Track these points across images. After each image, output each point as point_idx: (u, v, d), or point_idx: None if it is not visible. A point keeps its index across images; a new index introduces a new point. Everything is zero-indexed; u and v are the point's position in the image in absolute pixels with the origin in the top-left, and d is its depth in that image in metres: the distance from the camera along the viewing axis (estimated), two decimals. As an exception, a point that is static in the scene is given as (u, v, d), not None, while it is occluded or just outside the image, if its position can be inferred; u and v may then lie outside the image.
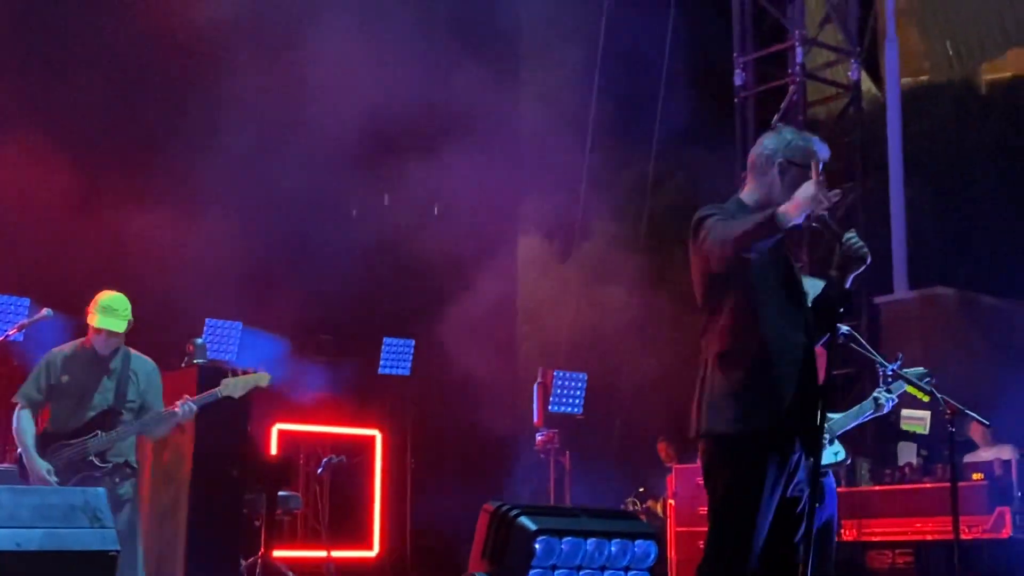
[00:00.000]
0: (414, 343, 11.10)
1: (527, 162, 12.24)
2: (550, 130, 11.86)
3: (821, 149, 4.18)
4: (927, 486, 8.34)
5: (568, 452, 10.24)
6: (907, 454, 10.11)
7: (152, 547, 7.54)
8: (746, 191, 4.33)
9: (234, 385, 6.43)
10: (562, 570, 3.87)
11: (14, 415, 6.10)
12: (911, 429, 8.36)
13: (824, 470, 6.00)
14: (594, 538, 3.91)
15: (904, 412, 8.15)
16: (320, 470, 9.78)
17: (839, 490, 6.76)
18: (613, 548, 3.94)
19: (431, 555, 11.00)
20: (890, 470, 9.16)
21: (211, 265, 10.42)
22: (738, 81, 12.08)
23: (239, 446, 8.13)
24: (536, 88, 12.38)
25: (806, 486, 4.11)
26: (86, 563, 4.72)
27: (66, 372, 6.15)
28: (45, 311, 6.48)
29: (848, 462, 8.38)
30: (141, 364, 6.28)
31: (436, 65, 11.17)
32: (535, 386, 10.56)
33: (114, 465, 6.05)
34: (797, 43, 11.68)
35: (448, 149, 11.62)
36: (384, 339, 11.03)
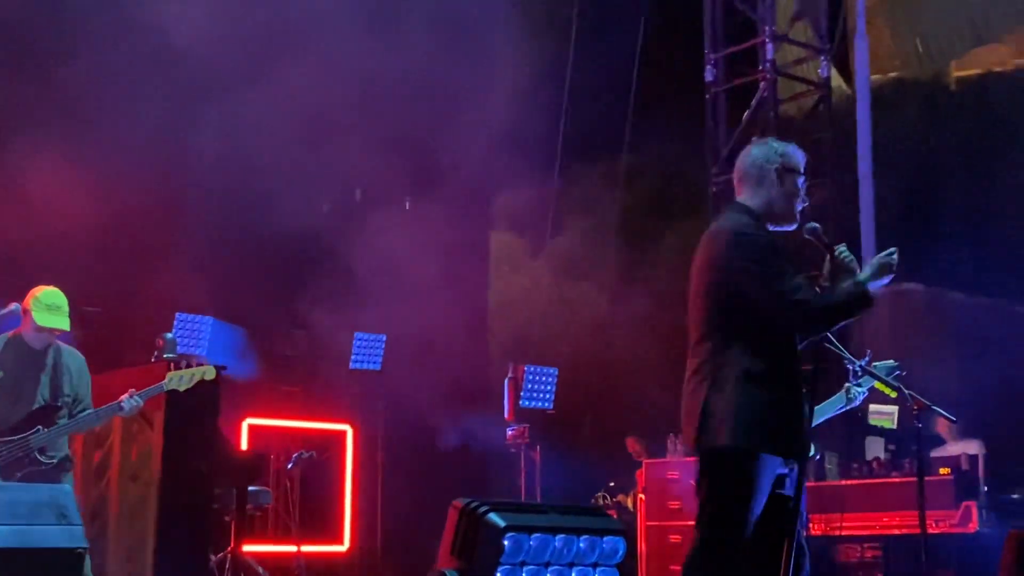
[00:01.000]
0: (385, 338, 11.08)
1: (499, 156, 12.23)
2: (522, 124, 11.86)
3: (801, 156, 4.51)
4: (895, 481, 8.41)
5: (539, 447, 10.26)
6: (875, 449, 10.18)
7: (121, 543, 7.52)
8: (744, 197, 4.50)
9: (179, 379, 6.43)
10: (531, 566, 3.88)
11: None
12: (879, 424, 8.44)
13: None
14: (563, 534, 3.93)
15: (872, 407, 8.23)
16: (290, 465, 9.76)
17: (808, 484, 6.81)
18: (582, 544, 3.96)
19: (401, 550, 11.00)
20: (858, 465, 9.22)
21: (182, 258, 10.38)
22: (709, 77, 12.11)
23: (209, 441, 8.10)
24: (509, 82, 12.38)
25: (792, 487, 4.29)
26: (54, 560, 4.70)
27: (1, 367, 6.12)
28: (12, 305, 6.42)
29: (817, 457, 8.46)
30: (73, 358, 6.25)
31: (411, 56, 11.15)
32: (506, 381, 10.58)
33: (58, 460, 6.06)
34: (768, 40, 11.72)
35: (419, 143, 11.61)
36: (355, 334, 11.02)
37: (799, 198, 4.46)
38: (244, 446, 10.41)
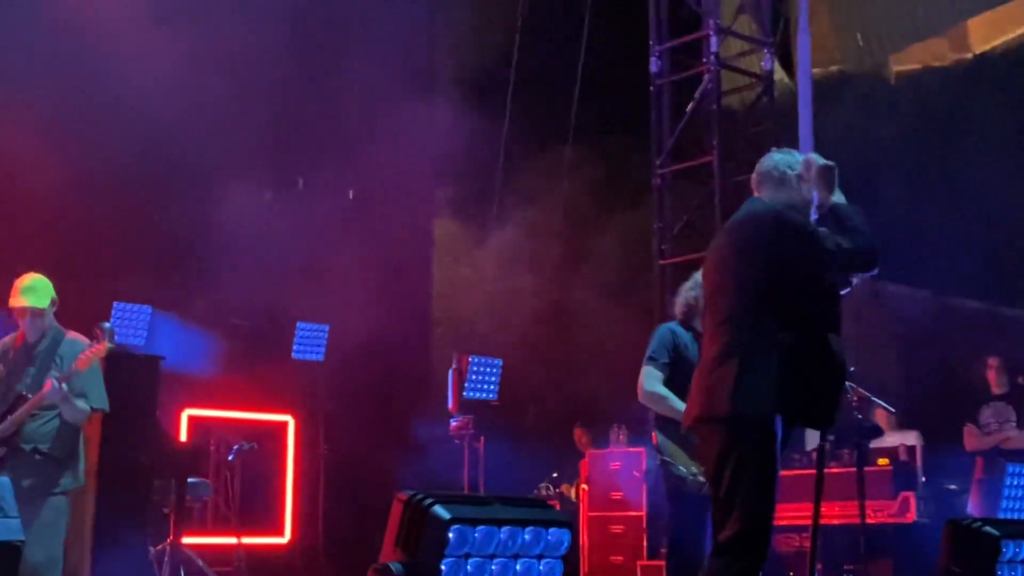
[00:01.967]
0: (328, 328, 11.01)
1: (443, 146, 12.19)
2: (467, 114, 11.83)
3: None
4: (834, 471, 8.48)
5: (483, 438, 10.24)
6: (814, 439, 10.26)
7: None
8: (764, 195, 4.72)
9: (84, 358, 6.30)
10: (475, 559, 3.86)
11: None
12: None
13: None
14: (508, 526, 3.91)
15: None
16: (231, 457, 9.67)
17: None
18: (527, 536, 3.95)
19: (343, 542, 10.95)
20: (798, 455, 9.29)
21: (120, 247, 10.24)
22: (653, 69, 12.16)
23: (147, 433, 8.02)
24: (452, 72, 12.34)
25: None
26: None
27: (3, 363, 6.10)
28: None
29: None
30: (70, 348, 6.11)
31: (353, 48, 11.07)
32: (450, 372, 10.54)
33: (56, 454, 5.94)
34: (712, 32, 11.78)
35: (363, 133, 11.54)
36: (298, 323, 10.93)
37: (812, 207, 4.63)
38: (183, 437, 10.30)
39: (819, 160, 4.67)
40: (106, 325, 8.38)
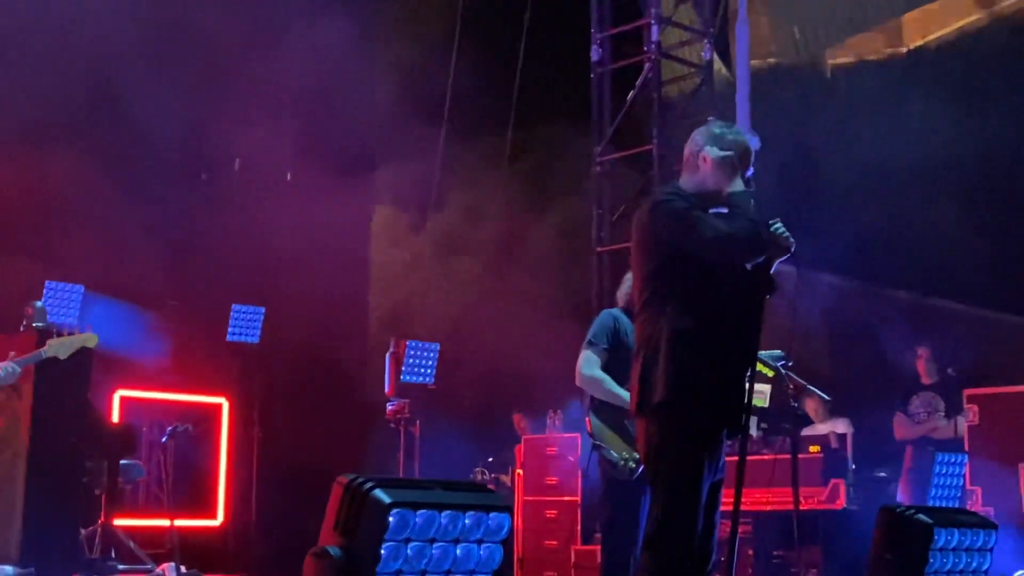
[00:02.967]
0: (264, 310, 10.93)
1: (382, 131, 12.13)
2: (406, 99, 11.78)
3: (751, 140, 4.57)
4: (766, 458, 8.57)
5: (419, 422, 10.24)
6: (754, 426, 10.39)
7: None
8: (683, 181, 4.59)
9: (60, 346, 6.27)
10: (415, 543, 3.85)
11: None
12: (752, 403, 8.59)
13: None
14: (448, 511, 3.91)
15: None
16: (164, 438, 9.57)
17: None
18: (467, 521, 3.95)
19: (276, 525, 10.89)
20: (731, 442, 9.38)
21: (53, 224, 10.08)
22: (594, 57, 12.16)
23: (79, 413, 7.91)
24: (392, 57, 12.27)
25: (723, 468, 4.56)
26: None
27: None
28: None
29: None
30: None
31: (293, 29, 10.98)
32: (387, 355, 10.52)
33: None
34: (653, 21, 11.81)
35: (302, 115, 11.45)
36: (233, 305, 10.84)
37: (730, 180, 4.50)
38: (116, 419, 10.19)
39: (739, 142, 4.52)
40: (38, 304, 8.30)
